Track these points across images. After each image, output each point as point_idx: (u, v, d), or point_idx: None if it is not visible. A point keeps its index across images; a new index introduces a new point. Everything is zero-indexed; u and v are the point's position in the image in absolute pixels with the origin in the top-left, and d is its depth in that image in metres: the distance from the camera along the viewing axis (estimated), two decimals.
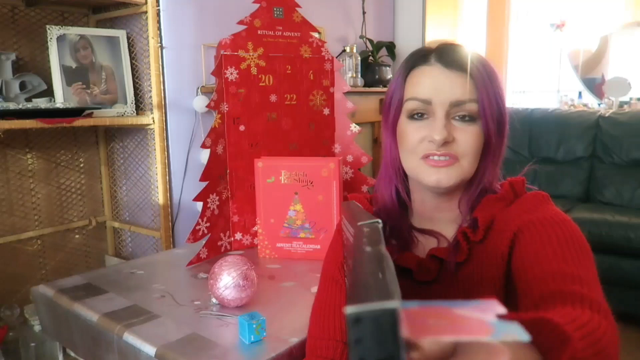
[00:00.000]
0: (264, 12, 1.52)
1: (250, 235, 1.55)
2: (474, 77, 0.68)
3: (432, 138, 0.67)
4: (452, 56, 0.69)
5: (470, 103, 0.67)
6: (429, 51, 0.71)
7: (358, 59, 2.56)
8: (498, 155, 0.73)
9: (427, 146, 0.69)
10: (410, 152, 0.71)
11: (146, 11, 1.61)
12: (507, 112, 0.72)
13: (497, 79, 0.70)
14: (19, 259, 1.68)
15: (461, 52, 0.70)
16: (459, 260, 0.69)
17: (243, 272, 1.05)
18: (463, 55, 0.69)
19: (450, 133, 0.67)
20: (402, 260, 0.73)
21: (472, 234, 0.69)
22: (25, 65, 1.62)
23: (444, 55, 0.69)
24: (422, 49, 0.73)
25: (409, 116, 0.71)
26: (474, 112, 0.68)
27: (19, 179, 1.67)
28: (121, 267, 1.37)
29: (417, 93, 0.69)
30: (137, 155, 1.85)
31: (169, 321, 1.01)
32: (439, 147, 0.67)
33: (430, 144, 0.68)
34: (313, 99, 1.65)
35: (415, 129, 0.70)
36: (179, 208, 1.90)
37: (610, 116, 2.69)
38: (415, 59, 0.72)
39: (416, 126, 0.70)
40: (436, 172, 0.68)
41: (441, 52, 0.70)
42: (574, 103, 3.24)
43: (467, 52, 0.70)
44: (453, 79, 0.68)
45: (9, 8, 1.57)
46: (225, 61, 1.47)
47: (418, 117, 0.70)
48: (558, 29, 3.36)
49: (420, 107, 0.69)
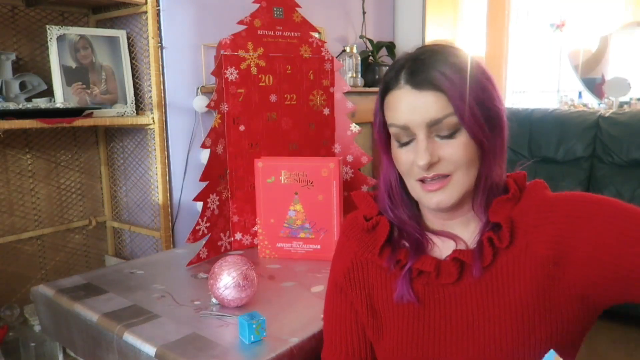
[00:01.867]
0: (264, 12, 1.52)
1: (250, 235, 1.55)
2: (445, 90, 0.66)
3: (417, 164, 0.67)
4: (420, 75, 0.67)
5: (448, 118, 0.66)
6: (400, 68, 0.69)
7: (358, 59, 2.56)
8: (499, 153, 0.72)
9: (417, 170, 0.69)
10: (407, 175, 0.72)
11: (146, 11, 1.61)
12: (498, 105, 0.70)
13: (476, 78, 0.68)
14: (19, 259, 1.68)
15: (429, 65, 0.67)
16: (485, 264, 0.69)
17: (243, 272, 1.05)
18: (432, 68, 0.67)
19: (435, 153, 0.67)
20: (420, 262, 0.73)
21: (498, 240, 0.69)
22: (25, 65, 1.62)
23: (412, 75, 0.67)
24: (396, 65, 0.71)
25: (397, 141, 0.71)
26: (455, 125, 0.66)
27: (19, 179, 1.67)
28: (121, 267, 1.37)
29: (394, 119, 0.69)
30: (137, 155, 1.85)
31: (169, 321, 1.01)
32: (428, 171, 0.68)
33: (419, 168, 0.68)
34: (313, 99, 1.65)
35: (404, 153, 0.70)
36: (179, 208, 1.90)
37: (610, 116, 2.69)
38: (388, 80, 0.71)
39: (404, 151, 0.70)
40: (434, 196, 0.69)
41: (410, 70, 0.68)
42: (574, 103, 3.24)
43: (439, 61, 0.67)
44: (424, 99, 0.66)
45: (9, 8, 1.57)
46: (225, 61, 1.47)
47: (405, 143, 0.70)
48: (558, 29, 3.36)
49: (401, 133, 0.69)
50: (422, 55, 0.69)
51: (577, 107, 3.09)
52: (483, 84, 0.69)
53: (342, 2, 2.68)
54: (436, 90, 0.66)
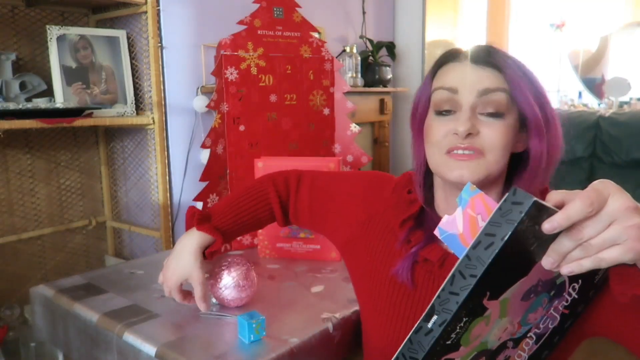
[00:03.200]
0: (264, 12, 1.52)
1: (250, 235, 1.55)
2: (505, 71, 0.67)
3: (456, 130, 0.66)
4: (481, 54, 0.68)
5: (499, 92, 0.66)
6: (460, 50, 0.72)
7: (358, 59, 2.56)
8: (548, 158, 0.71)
9: (451, 139, 0.67)
10: (435, 145, 0.69)
11: (146, 11, 1.61)
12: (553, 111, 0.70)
13: (535, 78, 0.69)
14: (19, 259, 1.68)
15: (492, 50, 0.69)
16: None
17: (243, 272, 1.05)
18: (493, 53, 0.68)
19: (475, 126, 0.65)
20: (428, 251, 0.73)
21: None
22: (25, 65, 1.62)
23: (473, 52, 0.69)
24: (454, 48, 0.73)
25: (436, 111, 0.70)
26: (503, 105, 0.66)
27: (19, 179, 1.67)
28: (121, 267, 1.37)
29: (444, 82, 0.69)
30: (137, 155, 1.85)
31: (169, 321, 1.01)
32: (463, 140, 0.65)
33: (454, 136, 0.66)
34: (313, 99, 1.65)
35: (442, 123, 0.69)
36: (179, 208, 1.90)
37: (610, 116, 2.69)
38: (446, 56, 0.72)
39: (443, 120, 0.69)
40: (459, 167, 0.66)
41: (471, 51, 0.70)
42: (574, 103, 3.24)
43: (497, 50, 0.70)
44: (481, 72, 0.67)
45: (9, 8, 1.57)
46: (225, 61, 1.47)
47: (445, 113, 0.68)
48: (558, 29, 3.36)
49: (446, 98, 0.68)
50: (484, 45, 0.71)
51: (577, 107, 3.09)
52: (541, 86, 0.69)
53: (342, 2, 2.68)
54: (495, 69, 0.67)
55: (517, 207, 0.43)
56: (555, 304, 0.57)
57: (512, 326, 0.54)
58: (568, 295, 0.57)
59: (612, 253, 0.43)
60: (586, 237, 0.44)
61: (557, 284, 0.54)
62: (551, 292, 0.54)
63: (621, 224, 0.43)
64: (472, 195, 0.52)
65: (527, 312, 0.54)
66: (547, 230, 0.43)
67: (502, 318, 0.51)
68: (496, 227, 0.44)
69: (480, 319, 0.49)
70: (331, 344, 0.99)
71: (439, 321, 0.46)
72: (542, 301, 0.54)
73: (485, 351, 0.54)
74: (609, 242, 0.43)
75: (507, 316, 0.52)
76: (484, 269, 0.44)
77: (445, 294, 0.46)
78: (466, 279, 0.45)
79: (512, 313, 0.52)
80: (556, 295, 0.55)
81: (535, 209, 0.43)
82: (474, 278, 0.44)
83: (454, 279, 0.46)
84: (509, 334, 0.55)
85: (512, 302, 0.51)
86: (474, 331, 0.49)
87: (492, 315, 0.50)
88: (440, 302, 0.46)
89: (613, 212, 0.43)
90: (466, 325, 0.48)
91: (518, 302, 0.52)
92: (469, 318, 0.48)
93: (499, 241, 0.43)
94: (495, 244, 0.43)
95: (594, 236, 0.44)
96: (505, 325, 0.53)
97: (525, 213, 0.42)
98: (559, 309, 0.57)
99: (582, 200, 0.43)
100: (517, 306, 0.52)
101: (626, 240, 0.43)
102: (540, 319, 0.57)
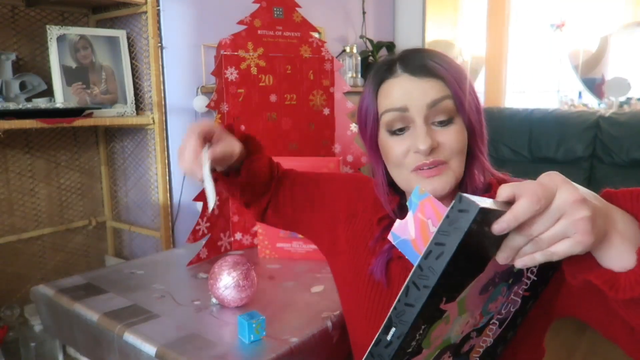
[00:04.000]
0: (264, 12, 1.52)
1: (250, 235, 1.55)
2: (442, 76, 0.68)
3: (417, 148, 0.67)
4: (416, 63, 0.69)
5: (445, 100, 0.68)
6: (393, 62, 0.72)
7: (358, 59, 2.56)
8: (483, 141, 0.73)
9: (414, 158, 0.69)
10: (399, 166, 0.71)
11: (146, 11, 1.61)
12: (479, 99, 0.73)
13: (463, 71, 0.71)
14: (19, 259, 1.68)
15: (423, 56, 0.70)
16: None
17: (243, 272, 1.05)
18: (426, 58, 0.69)
19: (434, 139, 0.67)
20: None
21: None
22: (25, 65, 1.62)
23: (408, 64, 0.70)
24: (386, 60, 0.73)
25: (388, 130, 0.71)
26: (451, 111, 0.68)
27: (19, 179, 1.67)
28: (121, 267, 1.37)
29: (391, 104, 0.70)
30: (137, 155, 1.85)
31: (169, 321, 1.01)
32: (427, 157, 0.67)
33: (416, 155, 0.68)
34: (313, 99, 1.65)
35: (398, 141, 0.70)
36: (179, 208, 1.90)
37: (610, 116, 2.69)
38: (382, 73, 0.72)
39: (398, 139, 0.70)
40: (430, 183, 0.68)
41: (405, 61, 0.70)
42: (574, 103, 3.24)
43: (429, 54, 0.70)
44: (423, 84, 0.68)
45: (9, 8, 1.57)
46: (225, 61, 1.47)
47: (399, 132, 0.70)
48: (558, 29, 3.36)
49: (397, 118, 0.69)
50: (410, 52, 0.72)
51: (577, 107, 3.09)
52: (468, 76, 0.72)
53: (342, 2, 2.68)
54: (433, 77, 0.68)
55: (463, 214, 0.43)
56: (515, 290, 0.57)
57: (473, 319, 0.54)
58: (527, 279, 0.57)
59: (562, 247, 0.44)
60: (536, 233, 0.45)
61: (514, 272, 0.54)
62: (509, 280, 0.55)
63: (569, 218, 0.44)
64: (422, 199, 0.52)
65: (487, 303, 0.54)
66: (497, 231, 0.44)
67: (461, 315, 0.52)
68: (445, 236, 0.44)
69: (439, 322, 0.49)
70: (331, 344, 0.99)
71: (397, 334, 0.46)
72: (500, 290, 0.55)
73: (449, 346, 0.55)
74: (559, 236, 0.44)
75: (466, 312, 0.52)
76: (437, 279, 0.44)
77: (401, 306, 0.46)
78: (420, 290, 0.45)
79: (472, 308, 0.52)
80: (515, 282, 0.56)
81: (482, 214, 0.43)
82: (427, 289, 0.44)
83: (409, 290, 0.45)
84: (472, 326, 0.56)
85: (469, 298, 0.51)
86: (434, 333, 0.49)
87: (451, 315, 0.50)
88: (396, 314, 0.46)
89: (561, 205, 0.44)
90: (425, 332, 0.48)
91: (476, 296, 0.52)
92: (427, 325, 0.48)
93: (449, 250, 0.43)
94: (446, 253, 0.43)
95: (544, 231, 0.44)
96: (467, 320, 0.53)
97: (472, 221, 0.42)
98: (519, 293, 0.58)
99: (529, 198, 0.43)
100: (476, 300, 0.52)
101: (575, 233, 0.44)
102: (502, 305, 0.57)
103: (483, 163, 0.74)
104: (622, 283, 0.46)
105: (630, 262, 0.46)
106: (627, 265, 0.47)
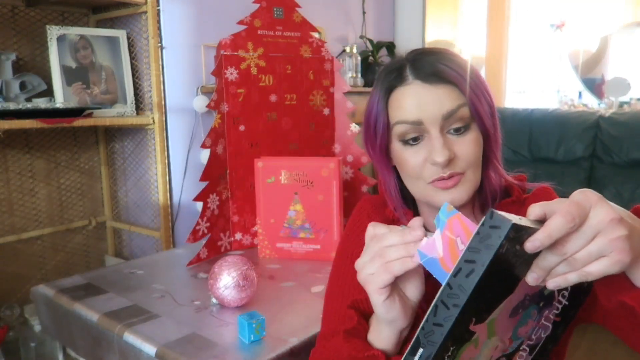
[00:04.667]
0: (264, 12, 1.52)
1: (250, 235, 1.55)
2: (456, 81, 0.65)
3: (434, 161, 0.64)
4: (428, 68, 0.66)
5: (461, 109, 0.65)
6: (403, 66, 0.68)
7: (358, 59, 2.56)
8: (498, 146, 0.71)
9: (432, 170, 0.66)
10: (415, 177, 0.68)
11: (146, 11, 1.61)
12: (493, 100, 0.70)
13: (476, 71, 0.68)
14: (19, 259, 1.68)
15: (435, 59, 0.66)
16: None
17: (243, 272, 1.05)
18: (437, 62, 0.66)
19: (450, 150, 0.65)
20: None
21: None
22: (25, 65, 1.62)
23: (420, 69, 0.66)
24: (395, 64, 0.69)
25: (401, 140, 0.67)
26: (466, 118, 0.65)
27: (19, 179, 1.67)
28: (121, 267, 1.37)
29: (404, 116, 0.66)
30: (137, 155, 1.85)
31: (169, 321, 1.01)
32: (444, 169, 0.64)
33: (433, 167, 0.65)
34: (313, 99, 1.65)
35: (413, 153, 0.67)
36: (179, 208, 1.90)
37: (610, 116, 2.69)
38: (392, 79, 0.68)
39: (413, 150, 0.67)
40: (448, 194, 0.66)
41: (416, 66, 0.66)
42: (574, 103, 3.24)
43: (440, 57, 0.67)
44: (436, 92, 0.65)
45: (9, 8, 1.57)
46: (225, 61, 1.47)
47: (413, 142, 0.67)
48: (558, 29, 3.36)
49: (411, 130, 0.66)
50: (421, 54, 0.68)
51: (577, 107, 3.09)
52: (481, 77, 0.69)
53: (342, 2, 2.68)
54: (447, 83, 0.65)
55: (495, 231, 0.41)
56: (546, 314, 0.55)
57: (503, 343, 0.53)
58: (558, 303, 0.55)
59: (598, 266, 0.43)
60: (570, 252, 0.43)
61: (545, 295, 0.53)
62: (540, 303, 0.53)
63: (606, 237, 0.42)
64: (450, 217, 0.50)
65: (517, 327, 0.53)
66: (530, 250, 0.43)
67: (490, 338, 0.50)
68: (475, 253, 0.42)
69: (468, 344, 0.48)
70: None
71: (425, 354, 0.45)
72: (531, 314, 0.53)
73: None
74: (594, 255, 0.43)
75: (495, 335, 0.51)
76: (467, 298, 0.43)
77: (429, 326, 0.45)
78: (449, 309, 0.43)
79: (501, 331, 0.51)
80: (545, 305, 0.54)
81: (514, 231, 0.42)
82: (457, 308, 0.43)
83: (437, 309, 0.44)
84: (501, 351, 0.54)
85: (499, 321, 0.49)
86: (463, 356, 0.48)
87: (480, 337, 0.49)
88: (424, 334, 0.45)
89: (597, 224, 0.42)
90: (454, 354, 0.47)
91: (506, 319, 0.50)
92: (456, 346, 0.46)
93: (479, 267, 0.42)
94: (476, 270, 0.42)
95: (578, 250, 0.43)
96: (496, 344, 0.52)
97: (504, 237, 0.41)
98: (550, 317, 0.56)
99: (564, 216, 0.42)
100: (506, 323, 0.51)
101: (611, 252, 0.42)
102: (532, 330, 0.56)
103: (497, 168, 0.71)
104: None
105: None
106: None
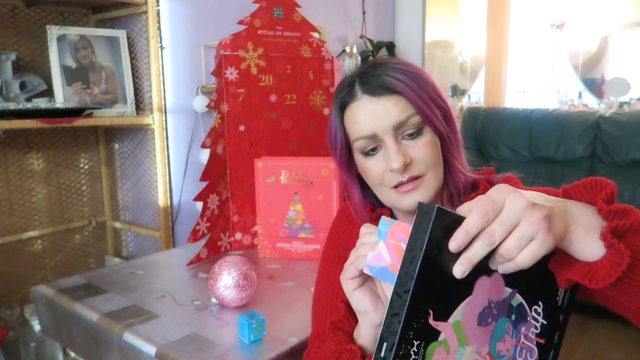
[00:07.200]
0: (264, 12, 1.52)
1: (250, 235, 1.55)
2: (402, 92, 0.68)
3: (391, 168, 0.68)
4: (374, 83, 0.69)
5: (411, 118, 0.68)
6: (352, 82, 0.72)
7: (358, 59, 2.56)
8: (458, 147, 0.74)
9: (392, 177, 0.70)
10: (379, 185, 0.72)
11: (146, 11, 1.61)
12: (446, 100, 0.73)
13: (424, 77, 0.71)
14: (19, 259, 1.68)
15: (380, 73, 0.69)
16: None
17: (243, 272, 1.05)
18: (383, 75, 0.69)
19: (406, 155, 0.68)
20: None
21: None
22: (25, 65, 1.62)
23: (367, 85, 0.70)
24: (346, 81, 0.73)
25: (362, 153, 0.72)
26: (419, 124, 0.69)
27: (19, 179, 1.67)
28: (121, 267, 1.37)
29: (359, 132, 0.70)
30: (137, 155, 1.85)
31: (169, 321, 1.01)
32: (402, 174, 0.68)
33: (392, 173, 0.69)
34: (313, 99, 1.65)
35: (374, 163, 0.71)
36: (179, 208, 1.90)
37: (610, 116, 2.69)
38: (344, 96, 0.72)
39: (374, 160, 0.71)
40: (411, 197, 0.70)
41: (363, 81, 0.70)
42: (574, 103, 3.24)
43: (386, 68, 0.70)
44: (384, 104, 0.69)
45: (9, 8, 1.57)
46: (225, 61, 1.47)
47: (372, 152, 0.71)
48: (558, 29, 3.36)
49: (368, 143, 0.70)
50: (369, 68, 0.72)
51: (577, 107, 3.09)
52: (431, 82, 0.72)
53: (342, 2, 2.68)
54: (394, 94, 0.69)
55: (426, 216, 0.45)
56: (524, 332, 0.56)
57: (482, 358, 0.53)
58: (534, 320, 0.56)
59: (530, 248, 0.45)
60: (498, 240, 0.45)
61: (514, 306, 0.54)
62: (511, 315, 0.54)
63: (527, 221, 0.45)
64: (389, 227, 0.54)
65: (493, 340, 0.54)
66: (454, 249, 0.45)
67: (463, 346, 0.51)
68: (414, 240, 0.46)
69: (435, 344, 0.48)
70: None
71: (388, 347, 0.47)
72: (505, 327, 0.54)
73: None
74: (525, 240, 0.45)
75: (469, 344, 0.51)
76: (415, 282, 0.45)
77: (388, 318, 0.47)
78: (402, 297, 0.46)
79: (475, 341, 0.52)
80: (519, 320, 0.55)
81: (442, 214, 0.45)
82: (408, 293, 0.45)
83: (392, 301, 0.47)
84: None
85: (467, 326, 0.50)
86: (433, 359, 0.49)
87: (450, 341, 0.49)
88: (385, 327, 0.47)
89: (513, 212, 0.45)
90: (421, 351, 0.48)
91: (475, 327, 0.51)
92: (420, 341, 0.47)
93: (419, 253, 0.45)
94: (417, 255, 0.45)
95: (505, 238, 0.45)
96: (474, 357, 0.53)
97: (434, 219, 0.44)
98: (530, 337, 0.57)
99: (477, 213, 0.45)
100: (478, 333, 0.52)
101: (538, 233, 0.45)
102: (514, 350, 0.56)
103: (458, 168, 0.74)
104: (599, 273, 0.47)
105: (601, 250, 0.48)
106: (598, 253, 0.48)
